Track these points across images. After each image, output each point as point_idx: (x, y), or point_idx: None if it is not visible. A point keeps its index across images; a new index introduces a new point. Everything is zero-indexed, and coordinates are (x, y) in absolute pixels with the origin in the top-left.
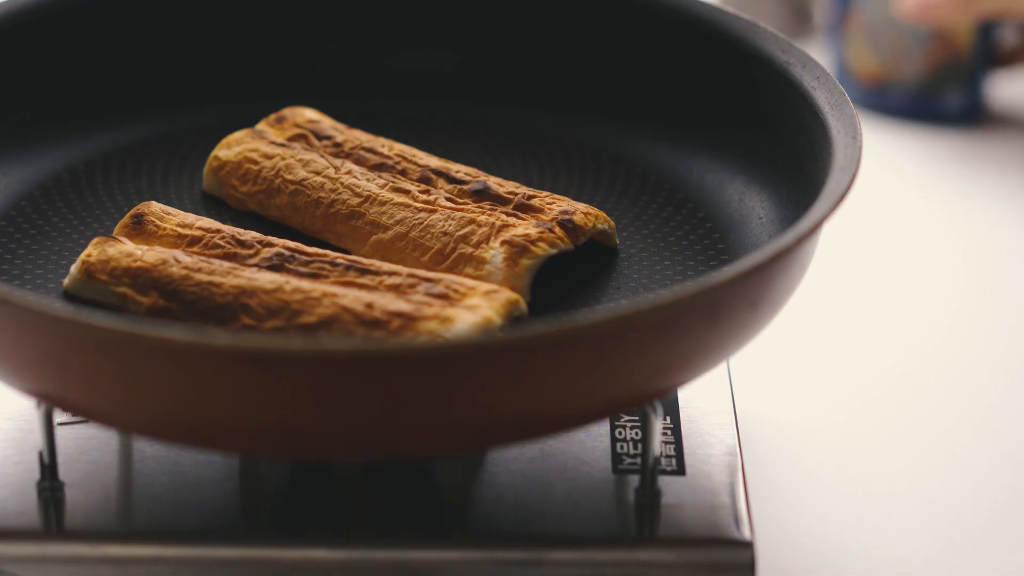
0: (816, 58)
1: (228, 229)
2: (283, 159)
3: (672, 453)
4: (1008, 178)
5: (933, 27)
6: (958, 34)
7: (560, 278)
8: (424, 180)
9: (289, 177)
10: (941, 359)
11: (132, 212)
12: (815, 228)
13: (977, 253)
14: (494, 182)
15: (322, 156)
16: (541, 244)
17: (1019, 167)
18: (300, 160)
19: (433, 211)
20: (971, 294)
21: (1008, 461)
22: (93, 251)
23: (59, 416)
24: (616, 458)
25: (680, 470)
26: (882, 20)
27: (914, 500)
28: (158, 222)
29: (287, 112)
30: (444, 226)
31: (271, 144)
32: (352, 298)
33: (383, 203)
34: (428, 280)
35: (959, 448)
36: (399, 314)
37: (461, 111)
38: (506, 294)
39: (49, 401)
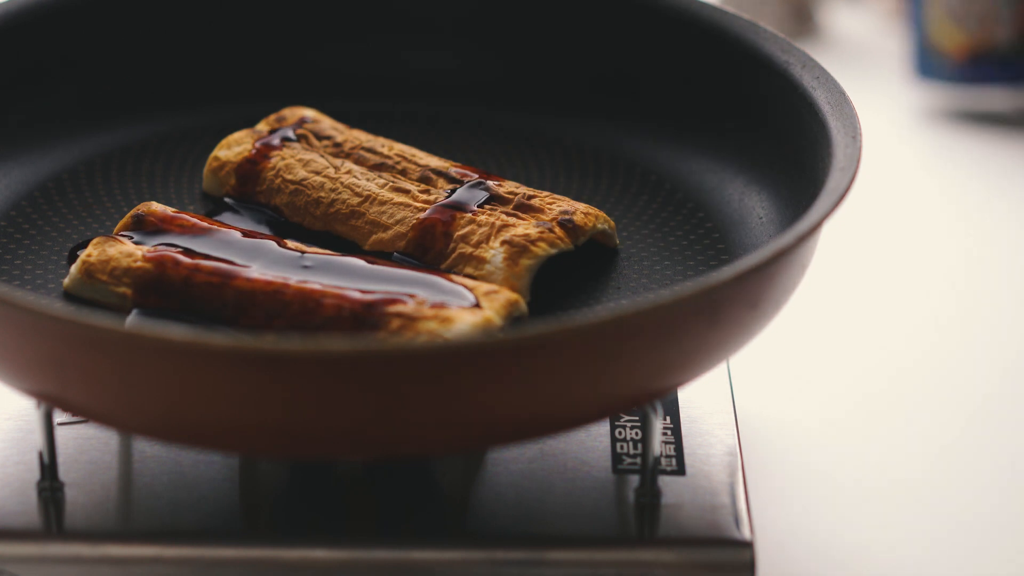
0: (821, 58)
1: (229, 229)
2: (283, 159)
3: (672, 453)
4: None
5: None
6: None
7: (560, 278)
8: (424, 180)
9: (289, 177)
10: (942, 359)
11: (132, 212)
12: (815, 228)
13: (978, 248)
14: (494, 182)
15: (322, 156)
16: (541, 244)
17: None
18: (300, 160)
19: None
20: (974, 290)
21: (1009, 460)
22: (93, 251)
23: (59, 416)
24: (616, 458)
25: (680, 470)
26: None
27: (915, 499)
28: (158, 222)
29: (287, 112)
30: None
31: None
32: (352, 298)
33: (383, 203)
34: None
35: (960, 447)
36: (399, 314)
37: (461, 111)
38: (506, 294)
39: (49, 401)
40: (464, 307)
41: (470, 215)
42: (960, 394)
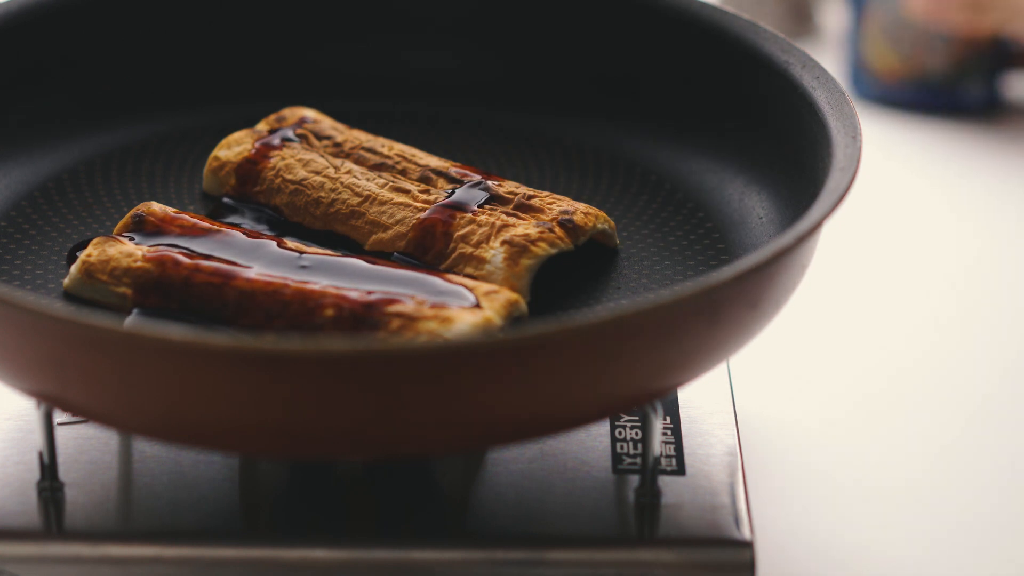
0: (820, 58)
1: (229, 229)
2: (283, 159)
3: (672, 453)
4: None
5: (942, 29)
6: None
7: (560, 278)
8: (424, 180)
9: (289, 177)
10: (942, 359)
11: (132, 212)
12: (815, 228)
13: (978, 249)
14: (494, 182)
15: (322, 156)
16: (541, 244)
17: None
18: (300, 160)
19: None
20: (974, 290)
21: (1009, 460)
22: (93, 251)
23: (59, 416)
24: (616, 458)
25: (680, 470)
26: (902, 17)
27: (915, 499)
28: (158, 222)
29: (287, 112)
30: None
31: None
32: (352, 298)
33: (383, 203)
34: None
35: (959, 447)
36: (399, 314)
37: (461, 111)
38: (506, 294)
39: (49, 401)
40: (464, 307)
41: (470, 215)
42: (960, 394)
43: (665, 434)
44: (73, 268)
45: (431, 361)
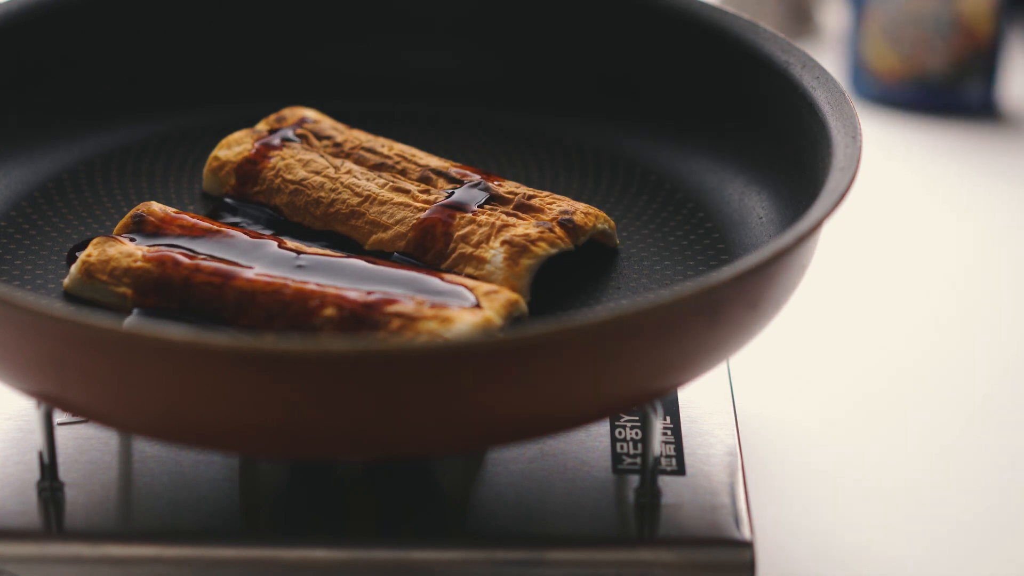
0: (820, 58)
1: (229, 229)
2: (283, 159)
3: (672, 453)
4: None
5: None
6: (979, 23)
7: (560, 278)
8: (424, 180)
9: (289, 177)
10: (942, 359)
11: (132, 212)
12: (815, 228)
13: (978, 249)
14: (494, 182)
15: (322, 156)
16: (541, 244)
17: None
18: (300, 160)
19: None
20: (974, 290)
21: (1009, 460)
22: (93, 251)
23: (59, 416)
24: (616, 458)
25: (680, 470)
26: (902, 16)
27: (914, 499)
28: (158, 222)
29: (287, 112)
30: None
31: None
32: (352, 298)
33: (383, 203)
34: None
35: (960, 447)
36: (399, 314)
37: (461, 111)
38: (506, 294)
39: (49, 401)
40: (464, 307)
41: (470, 215)
42: (960, 394)
43: (665, 434)
44: (73, 268)
45: (431, 361)
